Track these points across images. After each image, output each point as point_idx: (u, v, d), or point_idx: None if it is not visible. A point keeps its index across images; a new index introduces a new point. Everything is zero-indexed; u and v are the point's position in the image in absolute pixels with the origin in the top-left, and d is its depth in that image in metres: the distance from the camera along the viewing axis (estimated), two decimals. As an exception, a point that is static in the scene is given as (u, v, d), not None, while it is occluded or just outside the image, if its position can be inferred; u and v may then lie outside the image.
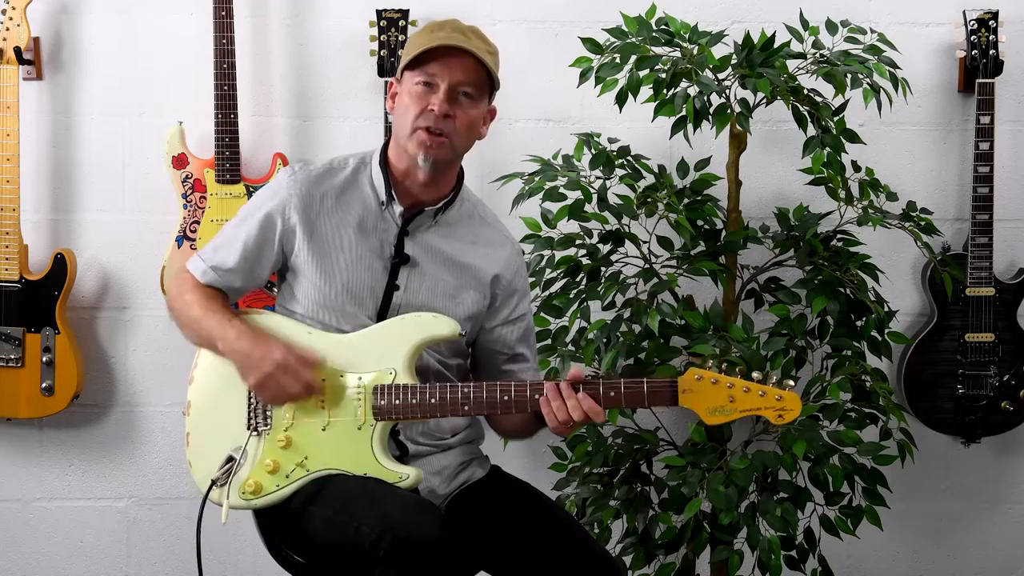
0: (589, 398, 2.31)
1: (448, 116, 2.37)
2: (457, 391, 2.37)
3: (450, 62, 2.37)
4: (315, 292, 2.44)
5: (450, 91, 2.38)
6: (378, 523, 2.22)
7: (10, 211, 3.26)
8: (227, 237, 2.49)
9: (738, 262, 3.15)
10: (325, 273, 2.43)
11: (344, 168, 2.50)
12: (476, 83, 2.40)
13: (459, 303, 2.49)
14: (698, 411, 2.31)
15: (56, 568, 3.52)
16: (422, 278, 2.47)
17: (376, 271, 2.45)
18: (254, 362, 2.36)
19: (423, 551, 2.19)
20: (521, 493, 2.53)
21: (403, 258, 2.45)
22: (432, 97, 2.37)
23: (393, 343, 2.40)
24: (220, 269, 2.47)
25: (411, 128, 2.39)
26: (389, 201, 2.45)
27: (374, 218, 2.46)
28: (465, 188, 2.53)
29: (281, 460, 2.40)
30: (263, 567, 3.43)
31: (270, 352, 2.35)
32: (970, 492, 3.52)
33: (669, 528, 2.96)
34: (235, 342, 2.39)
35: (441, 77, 2.38)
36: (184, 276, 2.50)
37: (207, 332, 2.43)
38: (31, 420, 3.42)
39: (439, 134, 2.38)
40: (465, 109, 2.40)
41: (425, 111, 2.38)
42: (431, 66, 2.38)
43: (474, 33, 2.42)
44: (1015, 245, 3.44)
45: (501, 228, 2.59)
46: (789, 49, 2.99)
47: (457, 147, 2.42)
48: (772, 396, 2.29)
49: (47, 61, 3.39)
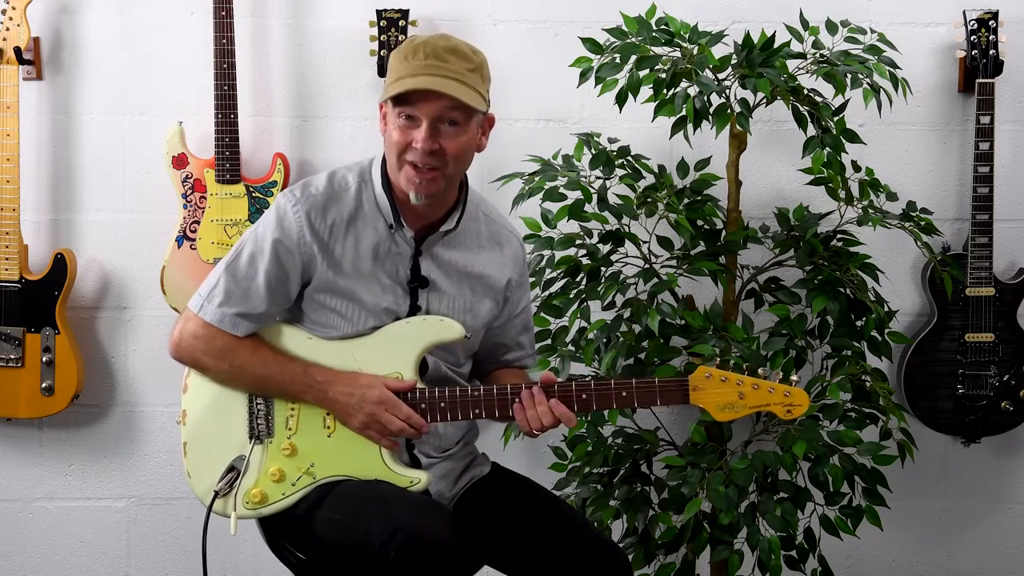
0: (561, 404, 2.32)
1: (434, 151, 2.29)
2: (467, 394, 2.36)
3: (428, 95, 2.26)
4: (339, 320, 2.38)
5: (432, 125, 2.28)
6: (389, 524, 2.21)
7: (10, 211, 3.26)
8: (241, 279, 2.36)
9: (738, 262, 3.15)
10: (353, 303, 2.38)
11: (347, 189, 2.39)
12: (459, 109, 2.29)
13: (476, 315, 2.47)
14: (708, 408, 2.34)
15: (56, 568, 3.52)
16: (441, 297, 2.43)
17: (398, 296, 2.41)
18: (354, 406, 2.34)
19: (434, 551, 2.18)
20: (525, 488, 2.54)
21: (421, 282, 2.42)
22: (415, 132, 2.28)
23: (399, 347, 2.39)
24: (252, 315, 2.37)
25: (398, 162, 2.31)
26: (399, 227, 2.39)
27: (387, 242, 2.40)
28: (469, 188, 2.48)
29: (286, 468, 2.39)
30: (263, 567, 3.43)
31: (367, 392, 2.33)
32: (970, 492, 3.52)
33: (669, 528, 2.96)
34: (328, 390, 2.34)
35: (422, 112, 2.27)
36: (213, 336, 2.36)
37: (283, 388, 2.37)
38: (31, 420, 3.41)
39: (429, 168, 2.30)
40: (452, 138, 2.29)
41: (410, 147, 2.29)
42: (409, 101, 2.28)
43: (452, 52, 2.29)
44: (1015, 245, 3.44)
45: (505, 223, 2.55)
46: (789, 49, 2.99)
47: (451, 176, 2.34)
48: (780, 392, 2.33)
49: (47, 61, 3.39)
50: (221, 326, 2.36)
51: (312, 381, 2.35)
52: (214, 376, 2.40)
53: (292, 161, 3.36)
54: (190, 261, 3.28)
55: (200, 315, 2.38)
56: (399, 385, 2.35)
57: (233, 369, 2.37)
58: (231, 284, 2.36)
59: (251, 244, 2.37)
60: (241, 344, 2.37)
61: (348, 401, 2.34)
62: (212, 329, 2.37)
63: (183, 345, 2.39)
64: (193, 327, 2.38)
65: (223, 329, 2.36)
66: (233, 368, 2.37)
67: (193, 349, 2.38)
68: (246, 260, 2.37)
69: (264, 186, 3.28)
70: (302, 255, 2.35)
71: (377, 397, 2.33)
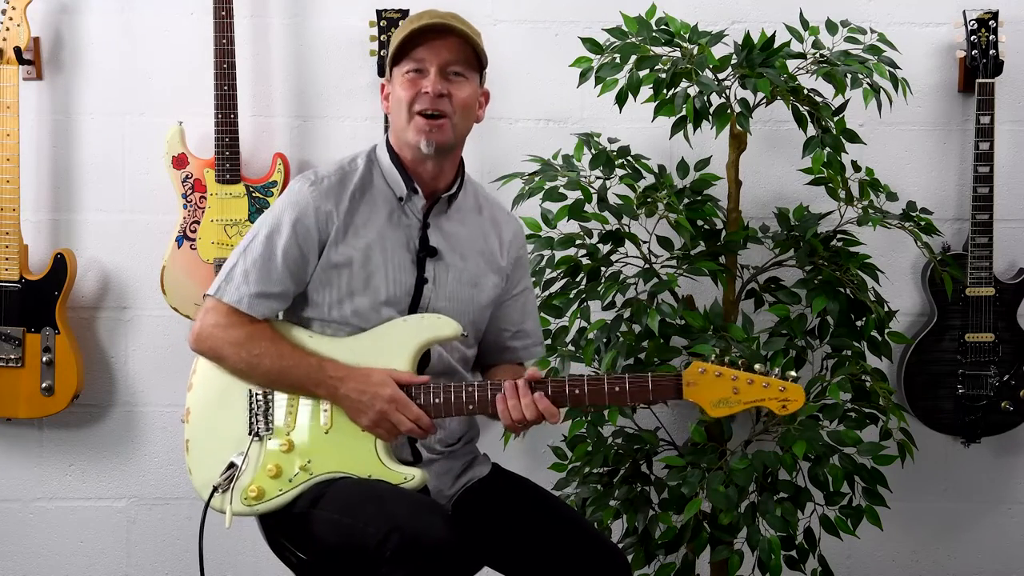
0: (545, 398, 2.32)
1: (443, 95, 2.37)
2: (462, 391, 2.37)
3: (435, 44, 2.37)
4: (346, 298, 2.40)
5: (441, 71, 2.37)
6: (385, 523, 2.21)
7: (10, 211, 3.26)
8: (258, 258, 2.38)
9: (738, 262, 3.15)
10: (364, 278, 2.40)
11: (356, 169, 2.46)
12: (465, 61, 2.40)
13: (482, 290, 2.50)
14: (702, 404, 2.32)
15: (56, 568, 3.52)
16: (447, 269, 2.47)
17: (406, 267, 2.44)
18: (365, 404, 2.34)
19: (430, 551, 2.18)
20: (525, 489, 2.54)
21: (429, 251, 2.45)
22: (423, 81, 2.37)
23: (396, 345, 2.40)
24: (271, 295, 2.38)
25: (408, 116, 2.38)
26: (411, 195, 2.44)
27: (397, 214, 2.45)
28: (466, 173, 2.55)
29: (284, 464, 2.39)
30: (263, 567, 3.43)
31: (379, 390, 2.33)
32: (970, 492, 3.52)
33: (669, 528, 2.96)
34: (339, 387, 2.35)
35: (429, 60, 2.37)
36: (232, 324, 2.37)
37: (298, 382, 2.37)
38: (31, 420, 3.42)
39: (437, 116, 2.37)
40: (459, 87, 2.39)
41: (419, 95, 2.37)
42: (417, 52, 2.38)
43: (454, 17, 2.42)
44: (1015, 245, 3.44)
45: (503, 205, 2.63)
46: (789, 49, 2.99)
47: (458, 127, 2.41)
48: (775, 387, 2.30)
49: (47, 61, 3.39)
50: (240, 307, 2.37)
51: (325, 376, 2.35)
52: (231, 367, 2.39)
53: (292, 161, 3.36)
54: (190, 261, 3.28)
55: (218, 297, 2.39)
56: (410, 379, 2.36)
57: (251, 359, 2.36)
58: (248, 265, 2.39)
59: (268, 225, 2.40)
60: (261, 334, 2.37)
61: (360, 399, 2.34)
62: (232, 317, 2.38)
63: (203, 335, 2.39)
64: (214, 317, 2.39)
65: (242, 310, 2.37)
66: (251, 358, 2.36)
67: (213, 338, 2.38)
68: (263, 240, 2.39)
69: (264, 186, 3.29)
70: (319, 231, 2.38)
71: (389, 396, 2.33)
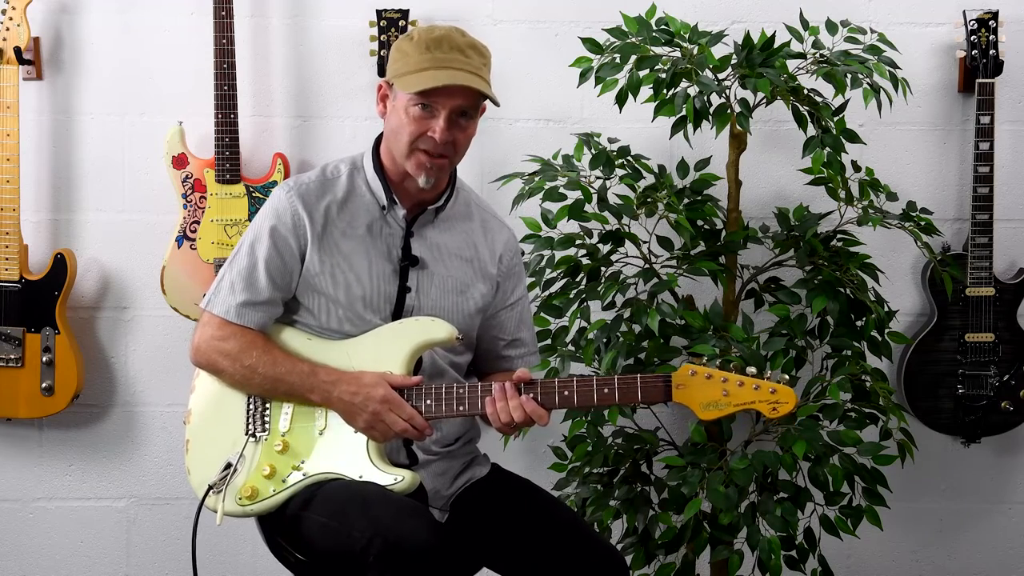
0: (532, 401, 2.32)
1: (448, 142, 2.37)
2: (453, 392, 2.37)
3: (452, 90, 2.34)
4: (331, 305, 2.42)
5: (449, 117, 2.36)
6: (368, 528, 2.22)
7: (10, 211, 3.26)
8: (243, 268, 2.42)
9: (738, 262, 3.15)
10: (343, 285, 2.42)
11: (338, 176, 2.47)
12: (474, 103, 2.40)
13: (469, 298, 2.50)
14: (692, 406, 2.32)
15: (56, 568, 3.52)
16: (431, 277, 2.47)
17: (387, 276, 2.45)
18: (358, 406, 2.35)
19: (413, 555, 2.19)
20: (524, 490, 2.54)
21: (412, 260, 2.46)
22: (432, 123, 2.36)
23: (391, 348, 2.40)
24: (257, 303, 2.41)
25: (408, 148, 2.38)
26: (391, 205, 2.45)
27: (379, 223, 2.46)
28: (458, 178, 2.55)
29: (278, 465, 2.40)
30: (263, 567, 3.43)
31: (372, 391, 2.34)
32: (970, 492, 3.52)
33: (669, 528, 2.96)
34: (332, 390, 2.36)
35: (442, 104, 2.35)
36: (226, 337, 2.40)
37: (292, 389, 2.39)
38: (31, 420, 3.42)
39: (440, 156, 2.38)
40: (464, 129, 2.40)
41: (424, 136, 2.37)
42: (433, 94, 2.34)
43: (471, 47, 2.38)
44: (1015, 245, 3.44)
45: (496, 212, 2.62)
46: (789, 49, 2.99)
47: (456, 162, 2.45)
48: (765, 389, 2.30)
49: (47, 61, 3.39)
50: (228, 317, 2.40)
51: (318, 381, 2.37)
52: (229, 379, 2.43)
53: (292, 161, 3.36)
54: (190, 261, 3.28)
55: (208, 309, 2.44)
56: (403, 381, 2.36)
57: (246, 370, 2.39)
58: (234, 276, 2.42)
59: (252, 234, 2.44)
60: (253, 344, 2.40)
61: (353, 400, 2.35)
62: (225, 329, 2.41)
63: (201, 349, 2.44)
64: (208, 330, 2.43)
65: (230, 320, 2.41)
66: (246, 369, 2.39)
67: (209, 351, 2.43)
68: (247, 250, 2.43)
69: (264, 186, 3.29)
70: (298, 237, 2.41)
71: (381, 396, 2.34)
